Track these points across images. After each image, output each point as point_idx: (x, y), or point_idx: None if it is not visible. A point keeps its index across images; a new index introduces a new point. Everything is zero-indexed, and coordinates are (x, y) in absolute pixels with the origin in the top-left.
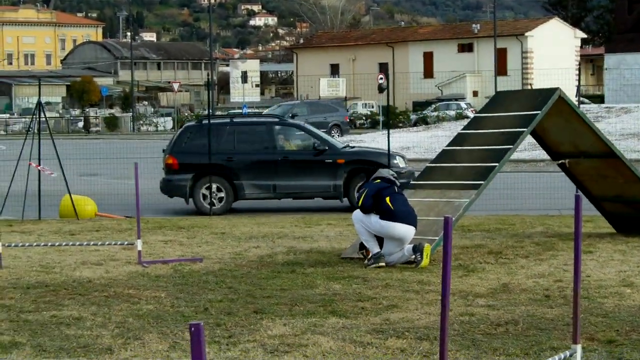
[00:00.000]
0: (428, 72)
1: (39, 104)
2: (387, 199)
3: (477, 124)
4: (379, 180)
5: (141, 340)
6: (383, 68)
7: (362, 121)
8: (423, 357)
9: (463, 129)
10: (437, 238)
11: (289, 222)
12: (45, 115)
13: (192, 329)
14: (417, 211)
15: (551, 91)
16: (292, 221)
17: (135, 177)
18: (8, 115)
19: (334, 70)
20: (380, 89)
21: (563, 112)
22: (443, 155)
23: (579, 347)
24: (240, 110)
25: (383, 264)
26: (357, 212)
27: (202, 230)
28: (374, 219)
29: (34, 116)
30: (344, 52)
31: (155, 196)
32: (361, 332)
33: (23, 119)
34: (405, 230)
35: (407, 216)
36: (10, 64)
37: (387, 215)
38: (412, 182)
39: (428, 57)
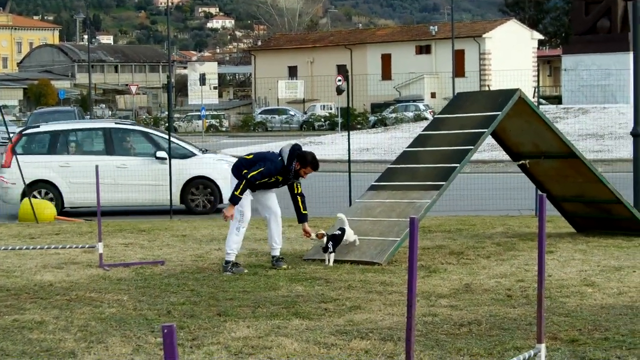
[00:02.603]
0: (386, 74)
1: None
2: None
3: (437, 125)
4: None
5: (104, 343)
6: (341, 70)
7: (320, 123)
8: (387, 358)
9: (424, 130)
10: (398, 239)
11: (250, 224)
12: (4, 118)
13: (165, 330)
14: (378, 212)
15: (511, 92)
16: (253, 223)
17: (96, 180)
18: None
19: (292, 72)
20: (339, 91)
21: (523, 112)
22: (404, 157)
23: (543, 347)
24: None
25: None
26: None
27: (162, 233)
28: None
29: None
30: (302, 54)
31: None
32: (325, 334)
33: None
34: None
35: None
36: None
37: None
38: (373, 183)
39: (386, 59)
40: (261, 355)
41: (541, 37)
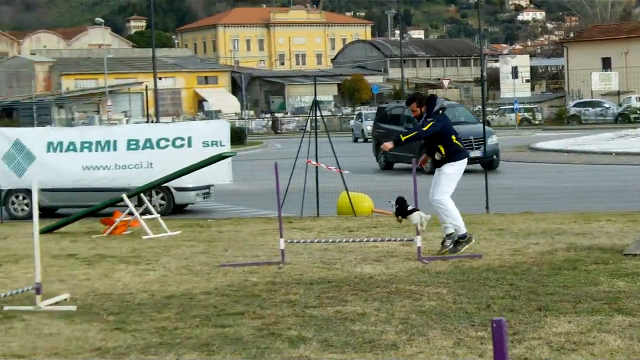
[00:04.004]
0: None
1: (314, 102)
2: (454, 137)
3: None
4: (440, 112)
5: (425, 336)
6: None
7: (636, 115)
8: None
9: None
10: None
11: (568, 218)
12: (321, 113)
13: (494, 325)
14: None
15: None
16: (571, 217)
17: (412, 174)
18: (282, 115)
19: (606, 63)
20: None
21: None
22: None
23: None
24: None
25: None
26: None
27: (479, 226)
28: (450, 169)
29: (310, 115)
30: (616, 45)
31: None
32: None
33: (296, 118)
34: None
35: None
36: (283, 64)
37: (458, 155)
38: None
39: None
40: (584, 352)
41: None
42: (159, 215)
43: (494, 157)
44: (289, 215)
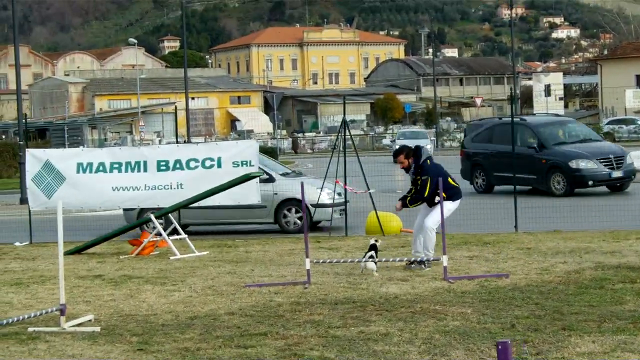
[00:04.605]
0: None
1: (344, 122)
2: (450, 179)
3: None
4: (429, 161)
5: (448, 356)
6: None
7: None
8: None
9: None
10: None
11: (597, 236)
12: (350, 132)
13: (499, 347)
14: None
15: None
16: (600, 235)
17: (439, 193)
18: (314, 134)
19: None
20: None
21: None
22: None
23: None
24: None
25: None
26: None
27: (507, 245)
28: (449, 205)
29: (339, 134)
30: None
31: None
32: None
33: (329, 137)
34: None
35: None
36: (316, 83)
37: (455, 195)
38: None
39: None
40: None
41: None
42: (186, 235)
43: (632, 177)
44: (317, 234)
